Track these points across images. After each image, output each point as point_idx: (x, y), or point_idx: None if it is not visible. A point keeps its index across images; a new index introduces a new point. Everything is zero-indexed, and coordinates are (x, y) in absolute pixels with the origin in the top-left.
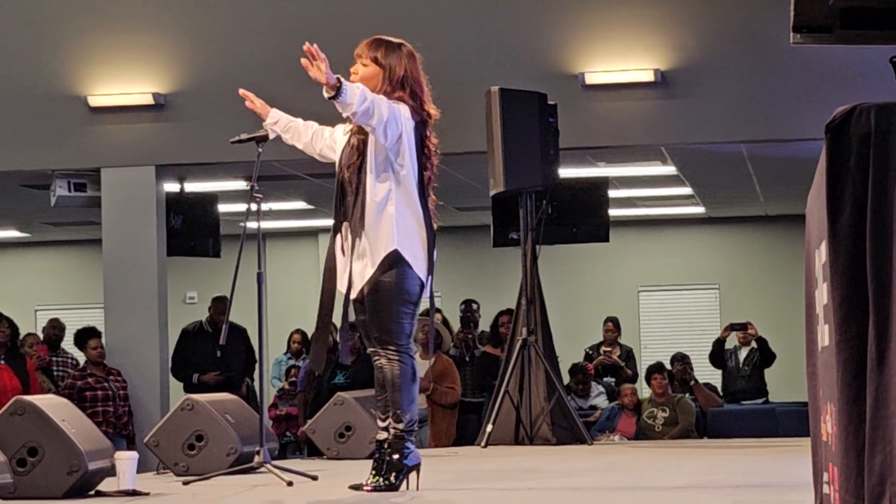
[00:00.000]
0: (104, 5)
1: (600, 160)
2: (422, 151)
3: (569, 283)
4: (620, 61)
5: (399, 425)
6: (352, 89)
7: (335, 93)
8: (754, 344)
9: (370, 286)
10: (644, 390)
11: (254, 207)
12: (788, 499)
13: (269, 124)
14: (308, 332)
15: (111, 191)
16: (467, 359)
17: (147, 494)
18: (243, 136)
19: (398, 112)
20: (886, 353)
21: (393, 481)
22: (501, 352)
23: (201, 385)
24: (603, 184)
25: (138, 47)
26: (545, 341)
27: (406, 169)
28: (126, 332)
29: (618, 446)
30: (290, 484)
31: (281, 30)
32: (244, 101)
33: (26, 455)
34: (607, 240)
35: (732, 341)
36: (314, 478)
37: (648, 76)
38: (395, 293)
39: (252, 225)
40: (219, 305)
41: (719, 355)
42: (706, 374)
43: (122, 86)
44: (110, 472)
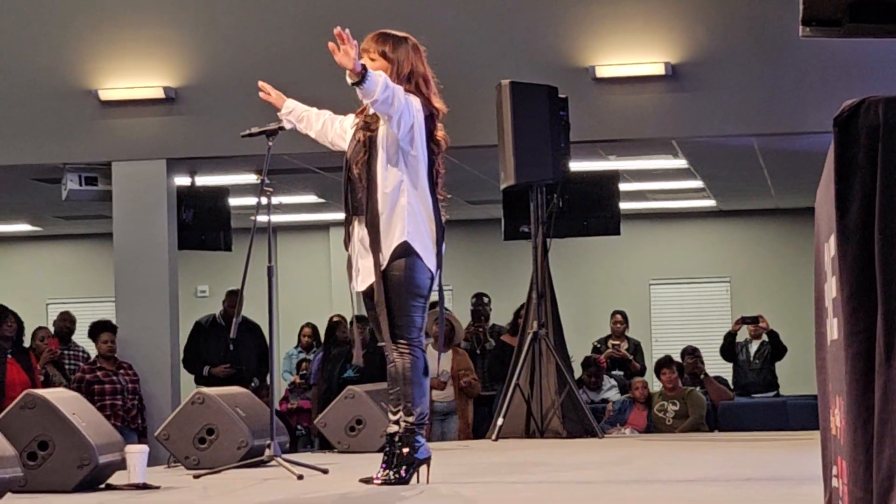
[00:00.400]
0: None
1: (611, 153)
2: (429, 146)
3: (580, 276)
4: (631, 54)
5: (410, 418)
6: (374, 77)
7: (359, 79)
8: (765, 337)
9: (380, 279)
10: (655, 383)
11: (264, 201)
12: (799, 492)
13: (283, 114)
14: (319, 326)
15: (122, 184)
16: (479, 352)
17: (158, 488)
18: (254, 130)
19: (411, 103)
20: (895, 347)
21: (403, 475)
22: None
23: (212, 377)
24: (614, 177)
25: (149, 41)
26: (556, 334)
27: (419, 159)
28: (137, 325)
29: (628, 439)
30: (300, 477)
31: (291, 23)
32: (255, 94)
33: (37, 448)
34: (618, 233)
35: (743, 334)
36: (325, 471)
37: (659, 69)
38: (406, 286)
39: (263, 218)
40: (233, 299)
41: (730, 348)
42: (717, 368)
43: (132, 80)
44: (121, 465)
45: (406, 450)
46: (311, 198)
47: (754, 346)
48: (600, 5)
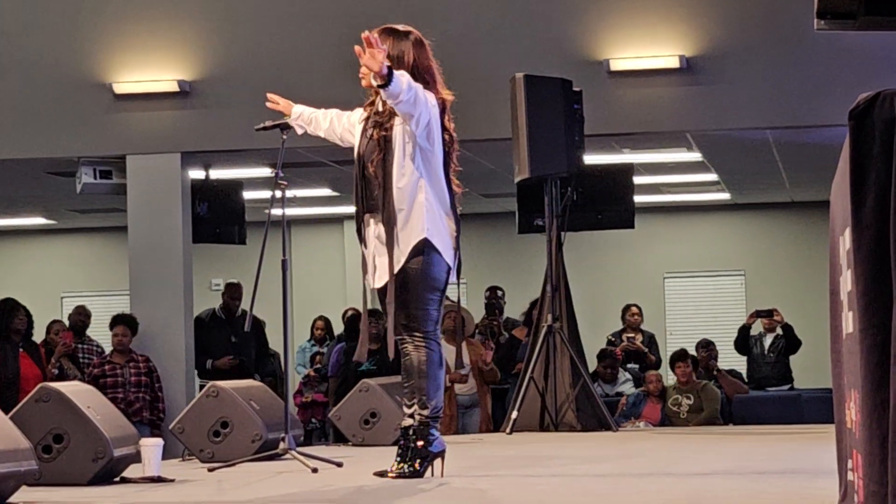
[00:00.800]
0: None
1: (625, 146)
2: (442, 137)
3: (594, 269)
4: (646, 47)
5: (424, 412)
6: (399, 78)
7: (384, 82)
8: (779, 330)
9: (398, 274)
10: (669, 377)
11: (279, 194)
12: (814, 486)
13: (293, 120)
14: (331, 319)
15: (137, 178)
16: (493, 345)
17: (172, 481)
18: (268, 123)
19: (428, 99)
20: None
21: (418, 468)
22: (528, 336)
23: (215, 371)
24: (628, 170)
25: (163, 34)
26: (570, 328)
27: (435, 153)
28: (151, 319)
29: (643, 433)
30: (314, 471)
31: (306, 17)
32: (269, 87)
33: (52, 442)
34: (632, 226)
35: (758, 328)
36: (339, 464)
37: (674, 62)
38: (423, 280)
39: (277, 212)
40: (232, 292)
41: (744, 342)
42: (731, 361)
43: (147, 73)
44: (135, 458)
45: (420, 443)
46: (326, 191)
47: (768, 340)
48: None
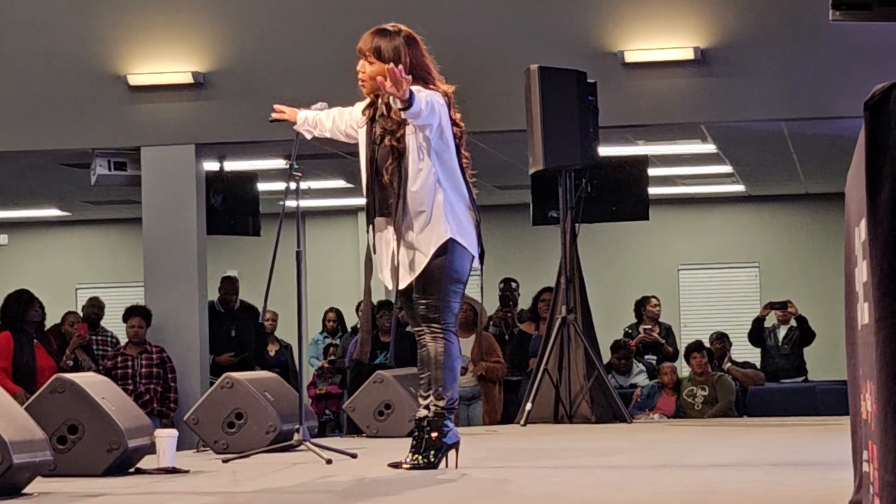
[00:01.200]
0: None
1: (640, 138)
2: (451, 131)
3: (608, 261)
4: (660, 39)
5: (440, 403)
6: (418, 100)
7: (406, 106)
8: (793, 322)
9: (422, 270)
10: (684, 369)
11: (293, 186)
12: (829, 477)
13: (299, 127)
14: (343, 311)
15: (151, 169)
16: (507, 337)
17: (187, 472)
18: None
19: (436, 103)
20: None
21: (432, 459)
22: (536, 329)
23: (216, 366)
24: (643, 162)
25: (178, 26)
26: (584, 320)
27: (449, 151)
28: (166, 310)
29: (657, 425)
30: (329, 462)
31: (319, 8)
32: (283, 79)
33: (66, 432)
34: (647, 218)
35: (772, 320)
36: (353, 456)
37: (688, 54)
38: (447, 273)
39: (291, 203)
40: (228, 285)
41: (758, 334)
42: (745, 353)
43: (161, 65)
44: (150, 449)
45: (435, 434)
46: (340, 183)
47: (782, 332)
48: None
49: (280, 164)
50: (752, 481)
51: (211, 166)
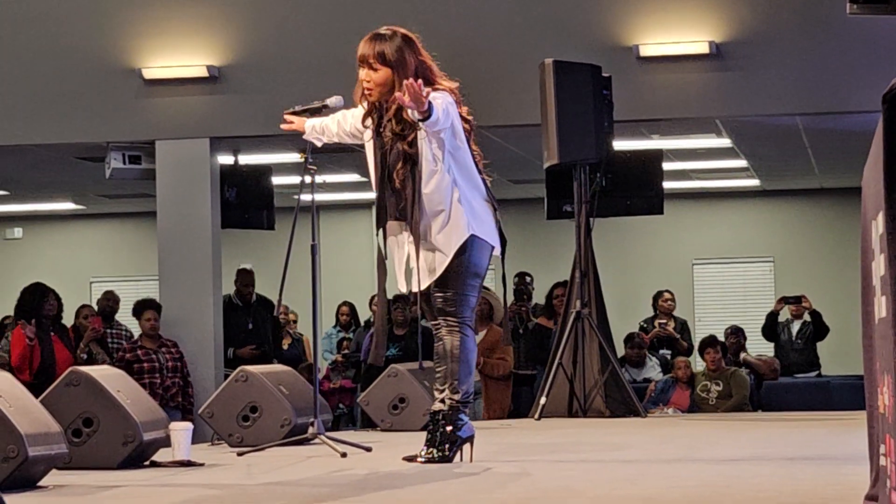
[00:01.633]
0: None
1: (655, 133)
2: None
3: (623, 255)
4: (675, 33)
5: (455, 396)
6: (436, 109)
7: (424, 117)
8: (807, 317)
9: (442, 269)
10: (698, 363)
11: (308, 179)
12: (844, 471)
13: (307, 136)
14: (357, 305)
15: (166, 163)
16: (521, 331)
17: (202, 465)
18: (297, 108)
19: (449, 106)
20: None
21: (447, 453)
22: (555, 324)
23: (236, 359)
24: (657, 156)
25: (192, 20)
26: (599, 314)
27: (463, 145)
28: (180, 304)
29: (671, 419)
30: (343, 455)
31: (335, 2)
32: (298, 73)
33: (81, 426)
34: (661, 212)
35: (785, 314)
36: (368, 449)
37: (703, 48)
38: (466, 267)
39: (306, 197)
40: (244, 278)
41: (772, 328)
42: (759, 347)
43: (176, 58)
44: (165, 442)
45: (449, 428)
46: (355, 176)
47: (796, 326)
48: None
49: (294, 157)
50: (767, 475)
51: (225, 160)
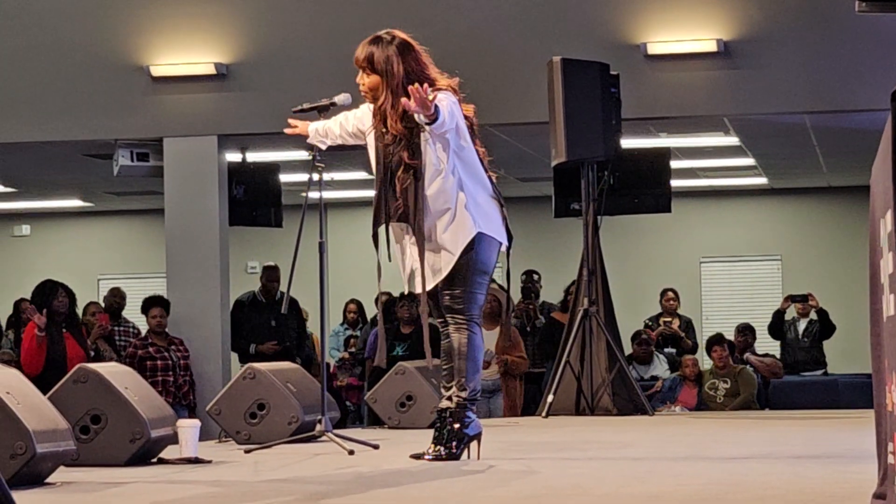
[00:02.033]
0: None
1: (662, 131)
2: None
3: (630, 253)
4: (683, 31)
5: (463, 394)
6: (442, 112)
7: (431, 121)
8: (813, 315)
9: (450, 268)
10: (705, 361)
11: (316, 177)
12: (851, 470)
13: (311, 140)
14: (364, 303)
15: (173, 160)
16: (529, 329)
17: (209, 462)
18: (305, 106)
19: (454, 107)
20: None
21: (454, 451)
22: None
23: (258, 355)
24: (665, 154)
25: (200, 17)
26: (606, 312)
27: (468, 144)
28: (188, 301)
29: (679, 417)
30: (351, 453)
31: None
32: (306, 70)
33: (89, 422)
34: (669, 210)
35: (792, 312)
36: (375, 447)
37: (711, 46)
38: (473, 265)
39: (314, 194)
40: (270, 274)
41: (778, 326)
42: (766, 346)
43: (184, 56)
44: (172, 439)
45: (457, 425)
46: (362, 174)
47: (802, 325)
48: None
49: (302, 155)
50: (775, 474)
51: (233, 157)
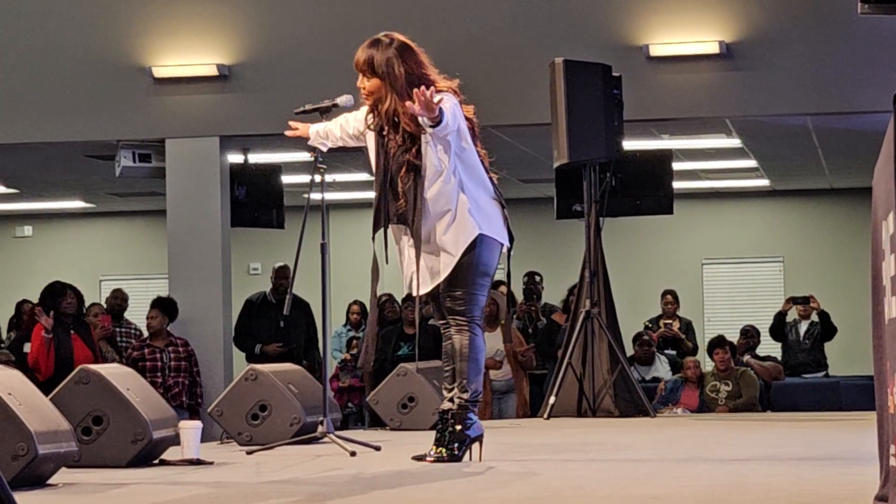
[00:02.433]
0: None
1: (664, 132)
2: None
3: (632, 255)
4: (685, 33)
5: (464, 395)
6: (445, 115)
7: (435, 123)
8: (815, 317)
9: (451, 270)
10: (707, 363)
11: (318, 178)
12: (853, 472)
13: (312, 142)
14: (367, 304)
15: (175, 161)
16: (531, 331)
17: (211, 463)
18: (307, 107)
19: (455, 109)
20: None
21: (456, 452)
22: (567, 321)
23: (263, 356)
24: (667, 156)
25: (202, 18)
26: (608, 313)
27: (469, 145)
28: (190, 302)
29: (681, 419)
30: (353, 454)
31: (345, 1)
32: (308, 71)
33: (91, 423)
34: (671, 212)
35: (793, 314)
36: (377, 448)
37: (713, 48)
38: (475, 266)
39: (316, 196)
40: (280, 274)
41: (779, 328)
42: (767, 348)
43: (186, 57)
44: (174, 441)
45: (458, 427)
46: (364, 176)
47: (804, 326)
48: None
49: (304, 156)
50: (777, 475)
51: (235, 158)
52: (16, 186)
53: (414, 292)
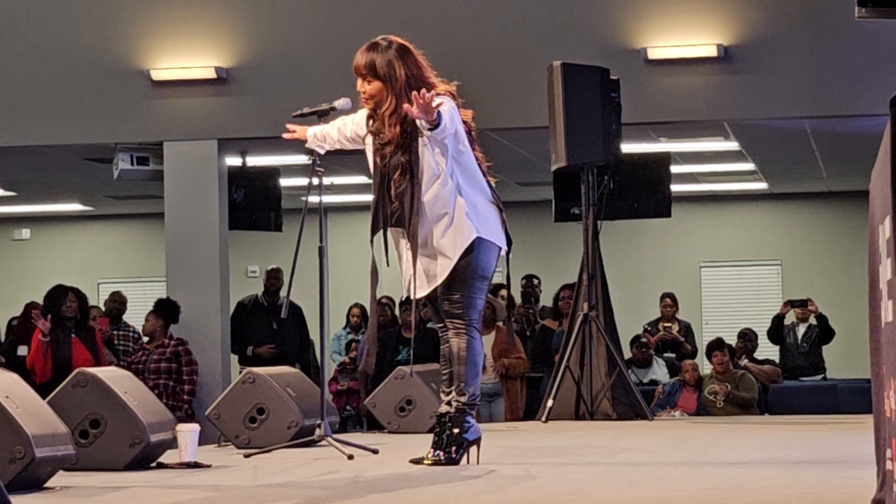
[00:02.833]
0: None
1: (662, 135)
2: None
3: (630, 258)
4: (683, 36)
5: (462, 399)
6: (443, 118)
7: (433, 126)
8: (812, 320)
9: (448, 273)
10: (705, 366)
11: (316, 181)
12: (851, 475)
13: (309, 145)
14: (367, 307)
15: (173, 164)
16: (528, 333)
17: (208, 467)
18: (305, 110)
19: (453, 111)
20: None
21: (453, 455)
22: (560, 325)
23: (255, 358)
24: (665, 159)
25: (201, 21)
26: (606, 316)
27: (467, 148)
28: (188, 305)
29: (679, 422)
30: (350, 457)
31: (343, 3)
32: (306, 74)
33: (88, 427)
34: (669, 215)
35: (791, 317)
36: (375, 451)
37: (711, 51)
38: (472, 269)
39: (314, 199)
40: (272, 276)
41: (777, 331)
42: (765, 351)
43: (184, 60)
44: (172, 444)
45: (456, 430)
46: (362, 178)
47: (801, 330)
48: None
49: (302, 159)
50: (774, 479)
51: (233, 161)
52: (13, 189)
53: (412, 295)
